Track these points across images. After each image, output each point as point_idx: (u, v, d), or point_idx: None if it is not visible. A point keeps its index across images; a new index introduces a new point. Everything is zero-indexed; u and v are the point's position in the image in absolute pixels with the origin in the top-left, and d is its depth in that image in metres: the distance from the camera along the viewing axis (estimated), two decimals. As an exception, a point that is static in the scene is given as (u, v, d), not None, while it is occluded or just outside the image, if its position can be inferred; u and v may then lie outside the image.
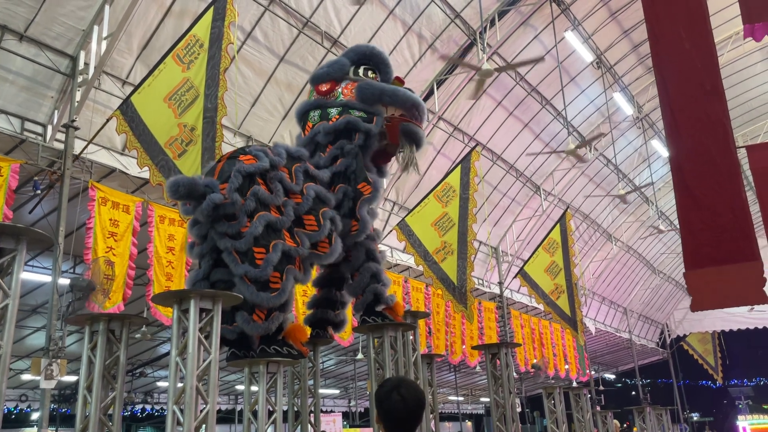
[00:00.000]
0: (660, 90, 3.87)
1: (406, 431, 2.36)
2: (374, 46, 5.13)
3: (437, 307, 15.14)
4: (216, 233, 3.90)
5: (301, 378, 4.93)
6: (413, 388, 2.46)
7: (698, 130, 3.73)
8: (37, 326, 15.21)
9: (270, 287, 3.88)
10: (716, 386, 36.95)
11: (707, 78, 3.73)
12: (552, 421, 7.34)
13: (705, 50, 3.75)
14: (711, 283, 3.63)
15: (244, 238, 3.84)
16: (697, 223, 3.65)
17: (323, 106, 4.76)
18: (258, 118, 12.65)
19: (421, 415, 2.42)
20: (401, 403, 2.34)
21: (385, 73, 4.98)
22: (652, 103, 20.44)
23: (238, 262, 3.83)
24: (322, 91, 4.81)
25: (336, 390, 27.46)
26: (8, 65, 9.27)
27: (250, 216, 3.90)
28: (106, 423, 3.69)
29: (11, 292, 3.13)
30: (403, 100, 4.79)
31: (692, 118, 3.74)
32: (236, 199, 3.88)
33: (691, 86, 3.74)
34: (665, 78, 3.82)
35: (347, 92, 4.77)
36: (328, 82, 4.82)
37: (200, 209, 3.83)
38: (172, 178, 3.96)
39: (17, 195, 9.08)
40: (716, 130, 3.69)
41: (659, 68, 3.90)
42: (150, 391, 22.66)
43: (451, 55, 14.83)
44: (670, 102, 3.77)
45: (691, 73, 3.74)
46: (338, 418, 16.43)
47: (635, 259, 28.23)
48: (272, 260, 3.87)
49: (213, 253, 3.96)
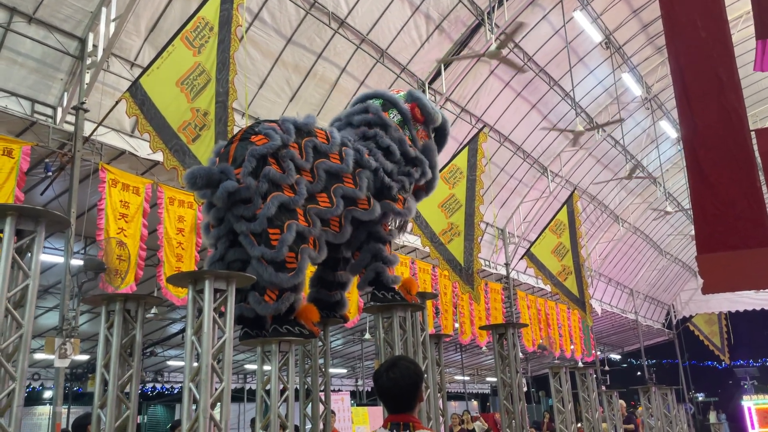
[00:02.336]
0: (675, 78, 3.88)
1: (396, 407, 2.60)
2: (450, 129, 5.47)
3: (444, 288, 15.23)
4: (233, 216, 3.95)
5: (312, 357, 5.01)
6: (405, 368, 2.66)
7: (713, 119, 3.74)
8: (48, 306, 15.40)
9: (286, 267, 3.93)
10: (721, 366, 37.06)
11: (723, 68, 3.74)
12: (558, 401, 7.43)
13: (721, 40, 3.75)
14: (723, 267, 3.66)
15: (258, 220, 3.88)
16: (711, 209, 3.68)
17: (406, 120, 4.87)
18: (265, 99, 12.66)
19: (411, 393, 2.61)
20: (390, 383, 2.60)
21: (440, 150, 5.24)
22: (661, 84, 20.30)
23: (255, 243, 3.88)
24: (415, 115, 4.93)
25: (344, 369, 27.74)
26: (18, 47, 9.31)
27: (264, 197, 3.94)
28: (123, 400, 3.79)
29: (31, 273, 3.21)
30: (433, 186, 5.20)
31: (707, 107, 3.75)
32: (251, 183, 3.92)
33: (707, 76, 3.74)
34: (681, 67, 3.83)
35: (420, 135, 4.95)
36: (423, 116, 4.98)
37: (216, 196, 3.88)
38: (189, 170, 4.01)
39: (28, 177, 9.17)
40: (731, 120, 3.70)
41: (675, 56, 3.91)
42: (160, 370, 22.98)
43: (459, 36, 14.77)
44: (685, 91, 3.78)
45: (707, 63, 3.74)
46: (346, 397, 16.61)
47: (642, 241, 28.21)
48: (287, 240, 3.91)
49: (229, 235, 4.01)
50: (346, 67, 13.43)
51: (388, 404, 2.68)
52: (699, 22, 3.77)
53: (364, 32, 13.29)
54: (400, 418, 2.60)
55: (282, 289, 3.96)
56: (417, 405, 2.65)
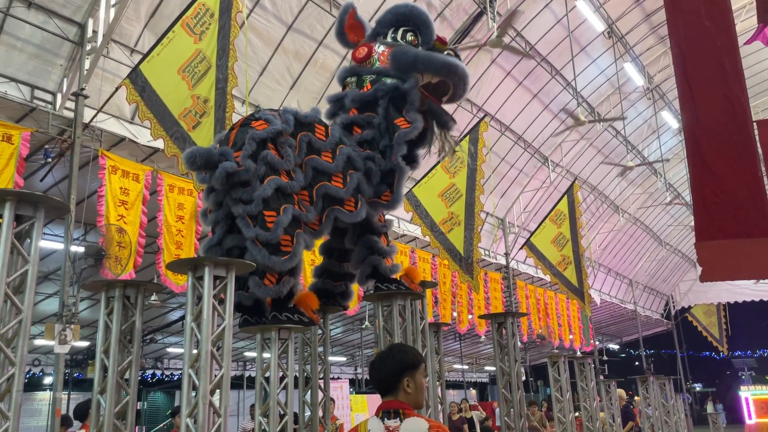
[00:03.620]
0: (677, 67, 3.84)
1: (384, 392, 2.72)
2: (414, 5, 4.77)
3: (444, 278, 15.25)
4: (231, 200, 3.93)
5: (311, 345, 5.02)
6: (394, 357, 2.73)
7: (716, 108, 3.70)
8: (48, 292, 15.43)
9: (281, 250, 3.91)
10: (719, 357, 37.23)
11: (726, 57, 3.70)
12: (556, 390, 7.45)
13: (725, 28, 3.71)
14: (722, 255, 3.65)
15: (254, 201, 3.87)
16: (711, 196, 3.66)
17: (359, 74, 4.61)
18: (266, 87, 12.62)
19: (396, 380, 2.68)
20: (377, 373, 2.73)
21: (426, 34, 4.63)
22: (663, 74, 20.22)
23: (250, 225, 3.87)
24: (359, 57, 4.61)
25: (343, 357, 27.85)
26: (17, 33, 9.26)
27: (262, 181, 3.93)
28: (123, 386, 3.79)
29: (31, 258, 3.20)
30: (439, 66, 4.49)
31: (710, 96, 3.71)
32: (250, 165, 3.90)
33: (710, 65, 3.70)
34: (683, 55, 3.79)
35: (383, 59, 4.54)
36: (364, 46, 4.62)
37: (214, 177, 3.86)
38: (189, 149, 3.99)
39: (28, 163, 9.15)
40: (734, 109, 3.67)
41: (677, 44, 3.87)
42: (160, 357, 23.07)
43: (460, 24, 14.69)
44: (688, 79, 3.74)
45: (711, 52, 3.70)
46: (345, 385, 16.69)
47: (642, 231, 28.23)
48: (282, 222, 3.88)
49: (227, 219, 3.97)
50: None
51: (380, 391, 2.76)
52: (703, 9, 3.73)
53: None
54: (390, 405, 2.64)
55: (280, 272, 3.96)
56: (402, 391, 2.66)
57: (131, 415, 3.79)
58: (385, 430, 2.57)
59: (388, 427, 2.57)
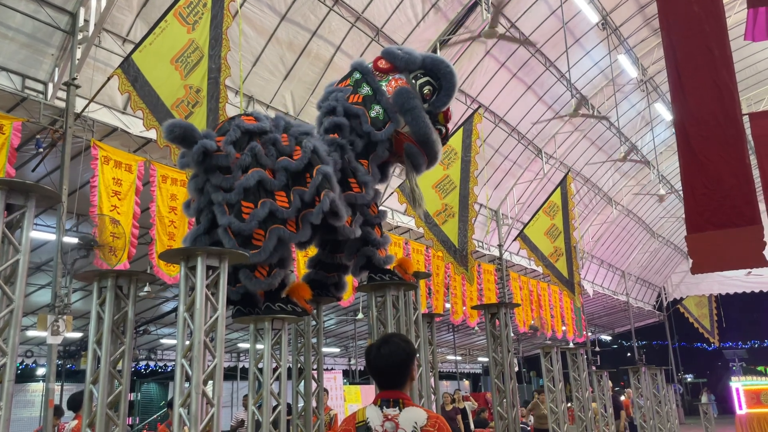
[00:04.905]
0: (667, 53, 3.85)
1: (387, 383, 2.66)
2: (453, 69, 4.84)
3: (437, 269, 15.28)
4: (211, 186, 3.91)
5: (304, 335, 5.02)
6: (396, 344, 2.69)
7: (705, 95, 3.71)
8: (41, 283, 15.37)
9: (252, 243, 3.86)
10: (711, 348, 37.51)
11: (715, 43, 3.70)
12: (548, 380, 7.49)
13: (714, 15, 3.72)
14: (712, 246, 3.66)
15: (235, 189, 3.85)
16: (700, 188, 3.67)
17: (366, 75, 4.68)
18: (259, 77, 12.55)
19: (401, 371, 2.65)
20: (381, 359, 2.65)
21: (441, 101, 4.78)
22: (657, 66, 20.22)
23: (225, 213, 3.85)
24: (379, 66, 4.70)
25: (336, 349, 27.89)
26: (8, 22, 9.17)
27: (245, 171, 3.91)
28: (116, 376, 3.79)
29: (22, 248, 3.19)
30: (418, 132, 4.61)
31: (699, 82, 3.72)
32: (230, 151, 3.88)
33: (699, 51, 3.70)
34: (673, 41, 3.79)
35: (393, 85, 4.64)
36: (390, 63, 4.70)
37: (191, 153, 3.83)
38: (170, 120, 3.98)
39: (19, 153, 9.09)
40: (723, 96, 3.67)
41: (667, 31, 3.87)
42: (154, 348, 23.05)
43: (455, 16, 14.64)
44: (677, 65, 3.75)
45: (700, 38, 3.70)
46: (339, 376, 16.71)
47: (635, 223, 28.33)
48: (258, 215, 3.85)
49: (211, 206, 3.95)
50: (341, 45, 13.31)
51: (378, 380, 2.73)
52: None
53: (359, 10, 13.16)
54: (390, 395, 2.64)
55: (270, 264, 3.95)
56: (408, 383, 2.68)
57: (124, 405, 3.79)
58: (384, 418, 2.57)
59: (387, 415, 2.57)
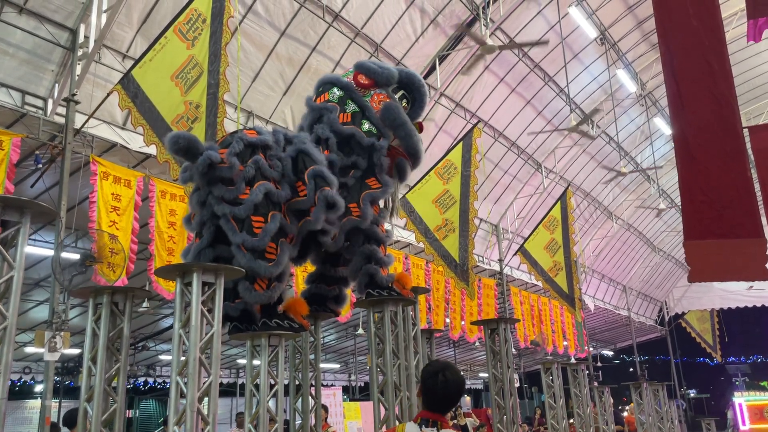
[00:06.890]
0: (665, 66, 3.83)
1: (444, 409, 2.69)
2: (423, 83, 5.16)
3: (437, 284, 15.22)
4: (213, 198, 3.89)
5: (302, 352, 4.98)
6: (456, 372, 2.75)
7: (704, 108, 3.69)
8: (39, 300, 15.31)
9: (266, 257, 3.88)
10: (713, 363, 37.27)
11: (714, 56, 3.69)
12: (549, 396, 7.43)
13: (713, 27, 3.70)
14: (710, 255, 3.62)
15: (244, 205, 3.83)
16: (699, 195, 3.63)
17: (348, 91, 4.71)
18: (259, 93, 12.59)
19: (458, 399, 2.76)
20: (444, 384, 2.63)
21: (415, 111, 5.03)
22: (656, 81, 20.29)
23: (236, 230, 3.84)
24: (360, 82, 4.75)
25: (336, 364, 27.73)
26: (8, 38, 9.21)
27: (249, 184, 3.90)
28: (111, 393, 3.74)
29: (16, 264, 3.16)
30: (413, 149, 4.87)
31: (698, 96, 3.70)
32: (234, 162, 3.87)
33: (698, 64, 3.69)
34: (671, 54, 3.78)
35: (376, 100, 4.72)
36: (370, 79, 4.77)
37: (196, 166, 3.81)
38: (173, 132, 3.99)
39: (18, 169, 9.08)
40: (722, 109, 3.65)
41: (665, 44, 3.86)
42: (152, 364, 22.91)
43: (454, 31, 14.72)
44: (675, 79, 3.73)
45: (698, 51, 3.69)
46: (338, 392, 16.57)
47: (635, 237, 28.28)
48: (270, 230, 3.86)
49: (214, 219, 3.94)
50: (340, 60, 13.37)
51: (440, 405, 2.71)
52: (690, 9, 3.72)
53: (358, 26, 13.23)
54: (432, 416, 2.66)
55: (269, 278, 3.93)
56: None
57: (119, 423, 3.74)
58: None
59: None
